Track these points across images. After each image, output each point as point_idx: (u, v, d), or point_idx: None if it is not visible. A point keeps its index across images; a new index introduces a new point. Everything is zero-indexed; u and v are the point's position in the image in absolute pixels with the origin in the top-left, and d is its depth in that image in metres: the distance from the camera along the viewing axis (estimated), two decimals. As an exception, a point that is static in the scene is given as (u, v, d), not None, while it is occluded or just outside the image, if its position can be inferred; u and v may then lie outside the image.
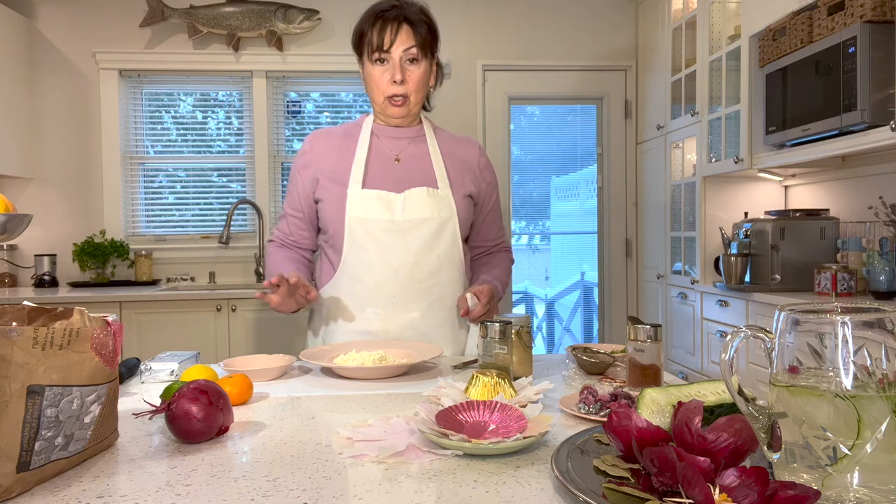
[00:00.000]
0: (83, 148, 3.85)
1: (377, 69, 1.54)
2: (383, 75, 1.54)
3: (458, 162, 1.64)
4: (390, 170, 1.58)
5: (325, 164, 1.59)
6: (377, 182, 1.56)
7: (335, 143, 1.62)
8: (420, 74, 1.55)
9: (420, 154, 1.61)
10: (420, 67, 1.54)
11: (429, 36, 1.55)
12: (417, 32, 1.52)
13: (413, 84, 1.55)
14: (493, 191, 1.72)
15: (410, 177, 1.58)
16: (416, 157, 1.61)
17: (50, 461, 0.72)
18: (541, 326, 4.94)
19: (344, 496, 0.69)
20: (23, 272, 3.80)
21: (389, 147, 1.61)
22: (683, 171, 3.59)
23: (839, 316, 0.59)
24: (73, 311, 0.79)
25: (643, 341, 1.07)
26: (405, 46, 1.51)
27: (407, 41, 1.51)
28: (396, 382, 1.22)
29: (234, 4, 3.82)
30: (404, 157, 1.60)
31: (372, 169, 1.57)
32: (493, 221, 1.74)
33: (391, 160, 1.59)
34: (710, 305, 3.18)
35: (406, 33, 1.51)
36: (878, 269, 2.43)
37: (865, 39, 2.26)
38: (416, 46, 1.52)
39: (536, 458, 0.79)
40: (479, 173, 1.67)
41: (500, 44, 4.07)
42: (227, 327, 3.34)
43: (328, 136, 1.64)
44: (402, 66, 1.53)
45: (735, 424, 0.65)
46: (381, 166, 1.58)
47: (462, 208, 1.59)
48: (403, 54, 1.52)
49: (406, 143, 1.63)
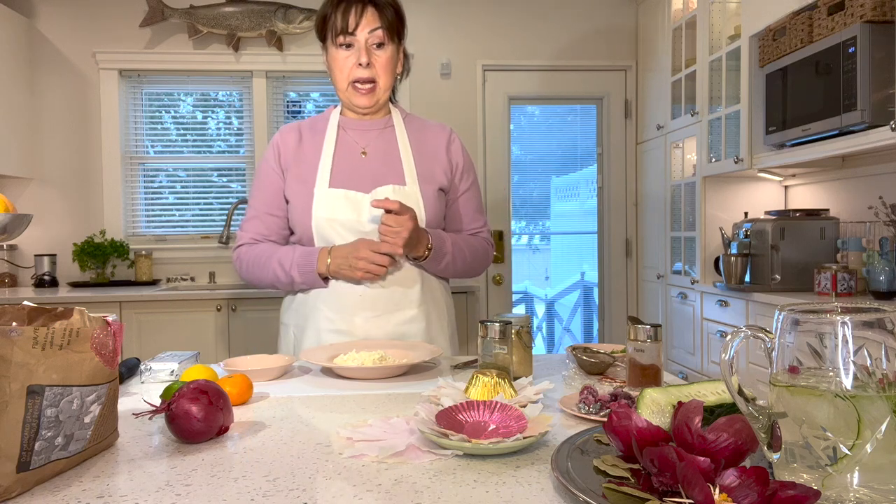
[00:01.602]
0: (83, 148, 3.85)
1: (341, 53, 1.48)
2: (348, 59, 1.48)
3: (427, 152, 1.57)
4: (357, 166, 1.53)
5: (293, 161, 1.55)
6: (344, 179, 1.51)
7: (302, 136, 1.58)
8: (387, 59, 1.49)
9: (388, 147, 1.56)
10: (387, 52, 1.49)
11: (395, 19, 1.49)
12: (384, 15, 1.47)
13: (380, 68, 1.49)
14: (466, 175, 1.62)
15: (377, 172, 1.53)
16: (384, 151, 1.55)
17: (50, 461, 0.72)
18: (541, 326, 4.94)
19: (344, 496, 0.69)
20: (23, 272, 3.80)
21: (357, 140, 1.56)
22: (683, 171, 3.59)
23: (839, 316, 0.59)
24: (73, 311, 0.79)
25: (643, 341, 1.07)
26: (371, 28, 1.46)
27: (373, 23, 1.46)
28: (396, 382, 1.22)
29: (234, 4, 3.82)
30: (371, 150, 1.55)
31: (338, 165, 1.53)
32: (467, 209, 1.62)
33: (358, 155, 1.55)
34: (710, 305, 3.18)
35: (372, 15, 1.46)
36: (878, 269, 2.43)
37: (865, 39, 2.26)
38: (383, 29, 1.46)
39: (536, 458, 0.79)
40: (448, 159, 1.59)
41: (500, 44, 4.07)
42: (227, 327, 3.34)
43: (295, 131, 1.59)
44: (367, 49, 1.47)
45: (735, 424, 0.65)
46: (348, 162, 1.54)
47: (431, 205, 1.53)
48: (370, 36, 1.46)
49: (374, 136, 1.57)
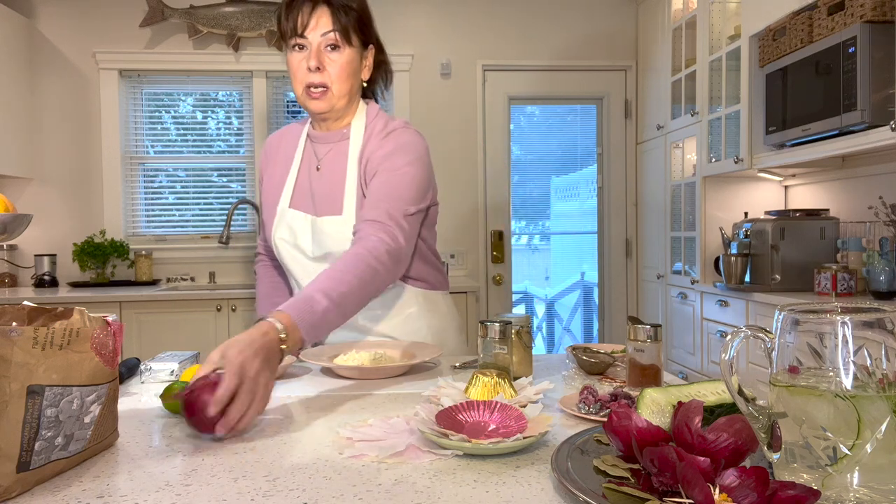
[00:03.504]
0: (83, 148, 3.85)
1: (295, 56, 1.38)
2: (301, 63, 1.37)
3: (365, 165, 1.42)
4: (309, 184, 1.47)
5: (269, 172, 1.53)
6: (300, 200, 1.46)
7: (281, 146, 1.54)
8: (343, 64, 1.37)
9: (338, 163, 1.45)
10: (343, 55, 1.37)
11: (354, 22, 1.38)
12: (337, 17, 1.36)
13: (334, 73, 1.37)
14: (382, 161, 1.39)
15: (323, 193, 1.44)
16: (333, 168, 1.46)
17: (50, 461, 0.72)
18: (541, 326, 4.94)
19: (344, 496, 0.69)
20: (23, 272, 3.80)
21: (317, 152, 1.49)
22: (683, 171, 3.59)
23: (839, 316, 0.59)
24: (73, 311, 0.79)
25: (643, 341, 1.07)
26: (322, 31, 1.35)
27: (325, 25, 1.35)
28: (396, 382, 1.22)
29: (234, 4, 3.82)
30: (324, 166, 1.47)
31: (300, 182, 1.48)
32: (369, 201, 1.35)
33: (313, 170, 1.48)
34: (710, 305, 3.18)
35: (325, 16, 1.35)
36: (878, 269, 2.43)
37: (865, 39, 2.26)
38: (336, 31, 1.35)
39: (536, 458, 0.79)
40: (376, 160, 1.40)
41: (500, 44, 4.07)
42: (227, 327, 3.34)
43: (279, 138, 1.56)
44: (318, 52, 1.36)
45: (735, 424, 0.65)
46: (305, 179, 1.48)
47: None
48: (322, 39, 1.36)
49: (328, 150, 1.48)
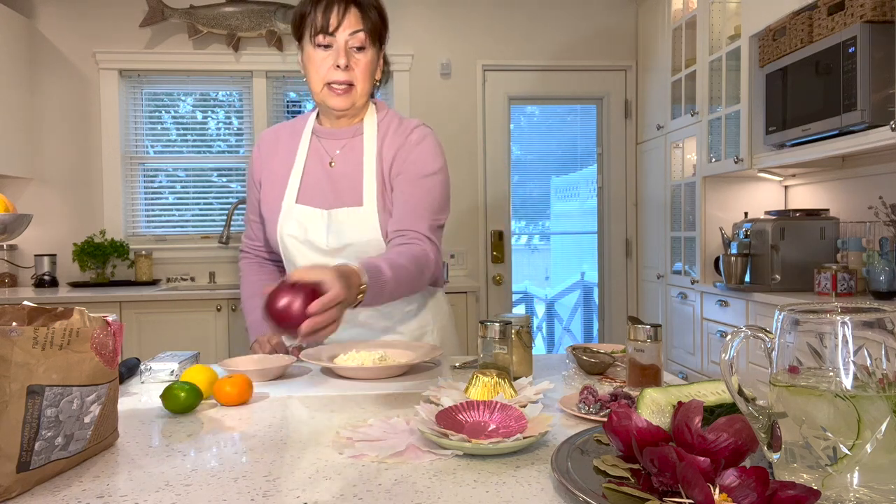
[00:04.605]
0: (83, 148, 3.85)
1: (319, 54, 1.39)
2: (325, 60, 1.38)
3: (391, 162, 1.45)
4: (322, 179, 1.46)
5: (266, 172, 1.51)
6: (310, 194, 1.46)
7: (280, 142, 1.53)
8: (367, 63, 1.40)
9: (353, 158, 1.46)
10: (367, 56, 1.40)
11: (379, 22, 1.41)
12: (367, 17, 1.38)
13: (359, 72, 1.40)
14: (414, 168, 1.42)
15: (340, 187, 1.45)
16: (349, 162, 1.46)
17: (50, 461, 0.72)
18: (541, 326, 4.94)
19: (344, 496, 0.69)
20: (23, 272, 3.80)
21: (327, 148, 1.49)
22: (683, 171, 3.59)
23: (839, 316, 0.59)
24: (73, 311, 0.79)
25: (643, 341, 1.07)
26: (352, 30, 1.37)
27: (354, 24, 1.37)
28: (396, 382, 1.22)
29: (234, 4, 3.82)
30: (339, 160, 1.47)
31: (307, 177, 1.47)
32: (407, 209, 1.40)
33: (326, 165, 1.47)
34: (710, 305, 3.18)
35: (354, 17, 1.37)
36: (878, 269, 2.43)
37: (865, 39, 2.26)
38: (365, 32, 1.38)
39: (536, 458, 0.79)
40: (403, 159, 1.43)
41: (500, 44, 4.07)
42: (227, 327, 3.34)
43: (275, 134, 1.55)
44: (347, 52, 1.38)
45: (735, 424, 0.65)
46: (316, 174, 1.47)
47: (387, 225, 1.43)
48: (350, 38, 1.37)
49: (342, 145, 1.48)
